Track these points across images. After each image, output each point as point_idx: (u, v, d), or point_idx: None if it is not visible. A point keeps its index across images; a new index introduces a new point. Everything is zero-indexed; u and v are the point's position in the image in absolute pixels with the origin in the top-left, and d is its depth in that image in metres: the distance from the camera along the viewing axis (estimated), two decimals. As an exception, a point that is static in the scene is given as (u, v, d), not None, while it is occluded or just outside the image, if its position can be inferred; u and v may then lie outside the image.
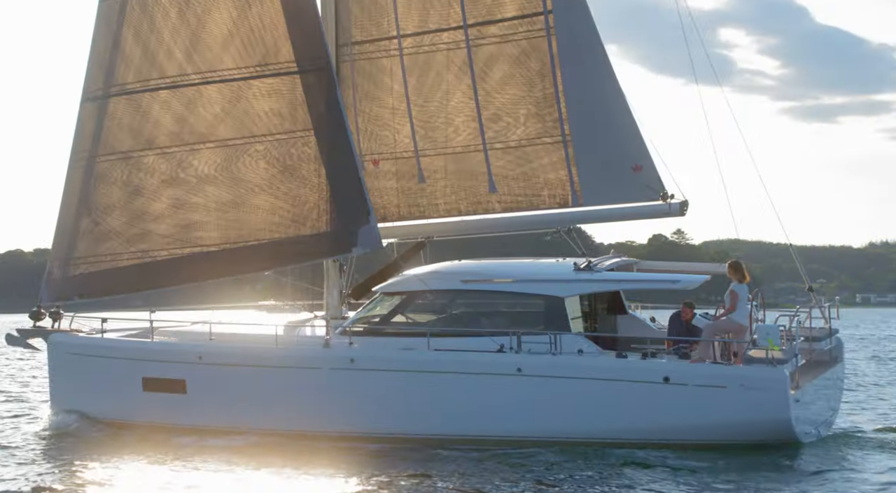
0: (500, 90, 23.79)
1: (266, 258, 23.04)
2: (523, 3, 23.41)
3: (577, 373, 20.37)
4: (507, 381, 20.59)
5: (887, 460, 19.50)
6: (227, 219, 23.18)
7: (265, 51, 22.96)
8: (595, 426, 20.30)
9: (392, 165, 24.83)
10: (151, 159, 23.69)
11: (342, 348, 21.84)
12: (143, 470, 19.38)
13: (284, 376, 21.86)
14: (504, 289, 22.38)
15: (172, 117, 23.53)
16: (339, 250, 22.78)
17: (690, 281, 21.59)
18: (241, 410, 22.21)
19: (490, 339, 21.09)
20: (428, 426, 21.12)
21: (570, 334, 21.06)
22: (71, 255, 24.38)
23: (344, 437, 21.34)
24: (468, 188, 24.28)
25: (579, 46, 23.09)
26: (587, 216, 24.08)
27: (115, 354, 23.55)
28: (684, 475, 18.03)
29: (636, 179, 22.90)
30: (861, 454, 20.11)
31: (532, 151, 23.74)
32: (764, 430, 19.69)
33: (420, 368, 21.09)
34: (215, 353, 22.51)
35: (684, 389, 19.86)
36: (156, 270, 23.67)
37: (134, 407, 23.27)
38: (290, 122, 22.84)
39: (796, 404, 19.74)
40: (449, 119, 24.18)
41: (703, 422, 19.86)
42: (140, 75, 23.72)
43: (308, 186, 22.71)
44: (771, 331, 20.05)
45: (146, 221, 23.70)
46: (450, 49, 24.03)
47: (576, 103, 23.15)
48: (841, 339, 23.73)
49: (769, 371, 19.53)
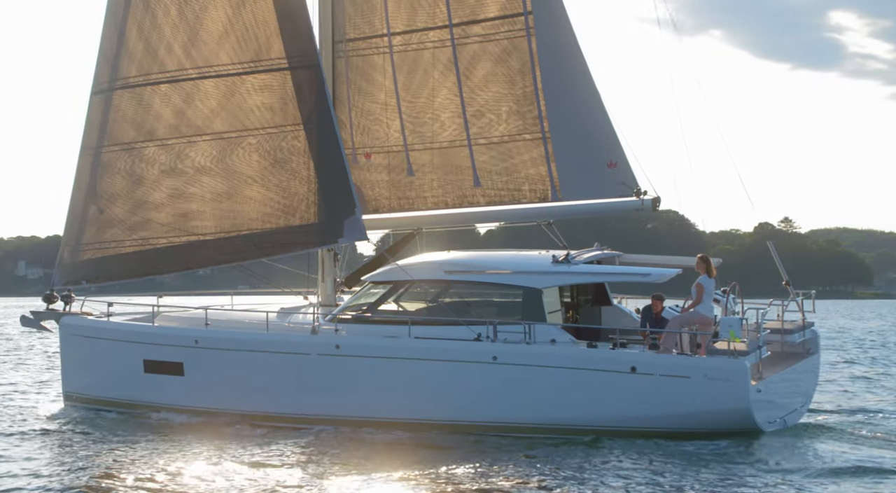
0: (483, 88, 24.53)
1: (258, 247, 23.79)
2: (504, 4, 24.14)
3: (549, 362, 21.06)
4: (484, 368, 21.34)
5: (846, 448, 20.09)
6: (221, 209, 24.03)
7: (258, 47, 23.74)
8: (565, 413, 20.99)
9: (383, 158, 25.63)
10: (152, 150, 24.56)
11: (328, 335, 22.68)
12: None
13: (274, 360, 22.74)
14: (484, 280, 23.19)
15: (172, 110, 24.37)
16: (327, 241, 23.59)
17: (661, 274, 22.20)
18: (234, 393, 23.12)
19: (468, 328, 21.87)
20: (409, 410, 21.85)
21: (545, 324, 21.78)
22: (80, 241, 25.33)
23: (330, 421, 22.20)
24: (454, 182, 25.06)
25: (557, 46, 23.82)
26: (565, 211, 24.75)
27: (118, 337, 24.51)
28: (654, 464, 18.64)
29: (611, 175, 23.62)
30: (818, 443, 20.66)
31: (514, 147, 24.50)
32: (726, 419, 20.34)
33: (401, 355, 21.86)
34: (210, 338, 23.42)
35: (651, 379, 20.53)
36: (155, 256, 24.57)
37: (136, 388, 24.25)
38: (280, 116, 23.67)
39: (757, 394, 20.40)
40: (436, 115, 24.96)
41: (669, 411, 20.52)
42: (142, 69, 24.57)
43: (298, 179, 23.53)
44: (733, 323, 20.71)
45: (147, 209, 24.57)
46: (436, 47, 24.79)
47: (554, 101, 23.86)
48: (817, 332, 24.32)
49: (730, 362, 20.21)
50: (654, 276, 22.18)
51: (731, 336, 20.40)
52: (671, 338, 21.09)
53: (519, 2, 23.93)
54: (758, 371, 20.89)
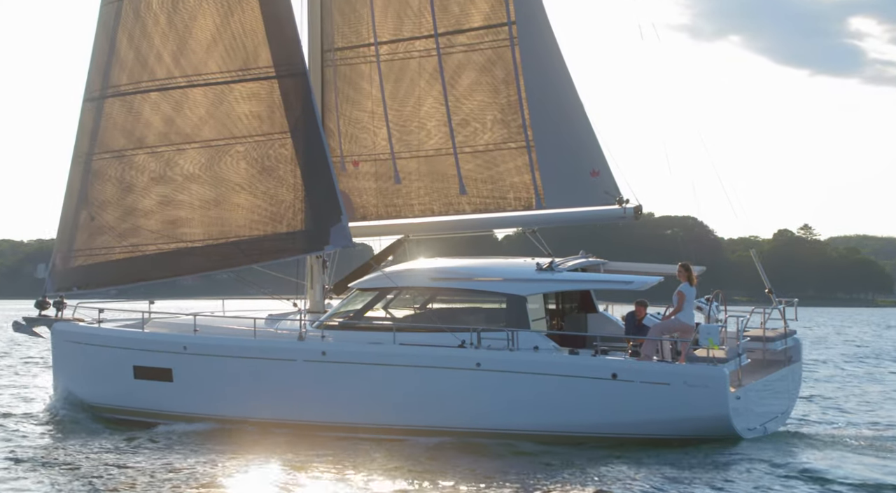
0: (468, 97, 24.74)
1: (246, 254, 23.96)
2: (488, 14, 24.35)
3: (531, 369, 21.25)
4: (467, 375, 21.54)
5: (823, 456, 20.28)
6: (210, 216, 24.22)
7: (246, 56, 23.95)
8: (547, 419, 21.19)
9: (371, 166, 25.85)
10: (142, 158, 24.77)
11: (315, 342, 22.88)
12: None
13: (262, 367, 22.93)
14: (469, 287, 23.41)
15: (161, 118, 24.58)
16: (313, 248, 23.79)
17: (643, 282, 22.38)
18: (222, 398, 23.30)
19: (452, 335, 22.06)
20: (394, 416, 22.03)
21: (528, 331, 21.98)
22: (71, 247, 25.56)
23: (317, 427, 22.40)
24: (440, 190, 25.26)
25: (540, 56, 24.02)
26: (549, 219, 24.91)
27: (109, 343, 24.64)
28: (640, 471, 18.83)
29: (594, 183, 23.84)
30: (797, 450, 20.83)
31: (498, 156, 24.69)
32: (705, 426, 20.52)
33: (386, 361, 22.05)
34: (198, 344, 23.60)
35: (631, 385, 20.72)
36: (144, 263, 24.75)
37: (127, 394, 24.43)
38: (268, 124, 23.88)
39: (736, 401, 20.59)
40: (422, 123, 25.17)
41: (649, 417, 20.71)
42: (132, 78, 24.79)
43: (285, 186, 23.73)
44: (711, 331, 20.94)
45: (137, 216, 24.76)
46: (422, 57, 24.99)
47: (538, 110, 24.06)
48: (799, 339, 24.50)
49: (709, 370, 20.40)
50: (637, 283, 22.35)
51: (710, 344, 20.62)
52: (651, 345, 21.28)
53: (502, 12, 24.16)
54: (737, 378, 21.09)
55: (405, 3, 24.96)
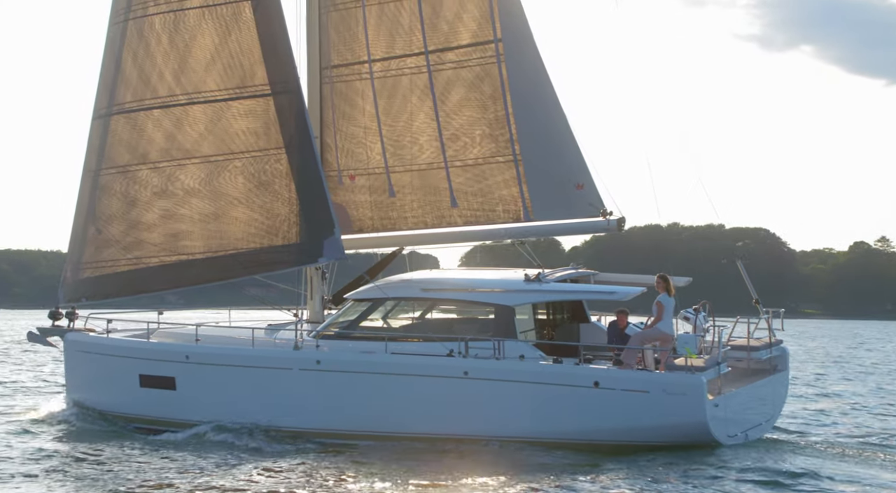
0: (457, 112, 25.35)
1: (244, 266, 24.66)
2: (476, 31, 24.97)
3: (517, 377, 21.78)
4: (455, 383, 22.10)
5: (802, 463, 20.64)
6: (209, 229, 24.96)
7: (243, 74, 24.71)
8: (532, 426, 21.70)
9: (366, 180, 26.50)
10: (145, 173, 25.55)
11: (310, 351, 23.51)
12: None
13: (259, 375, 23.60)
14: (459, 297, 24.06)
15: (163, 135, 25.37)
16: (308, 260, 24.47)
17: (626, 293, 22.88)
18: (223, 406, 23.96)
19: (441, 344, 22.64)
20: (386, 424, 22.61)
21: (514, 340, 22.54)
22: (80, 260, 26.39)
23: (312, 434, 23.03)
24: (433, 203, 25.86)
25: (526, 72, 24.64)
26: (537, 231, 25.49)
27: (117, 352, 25.38)
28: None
29: (579, 196, 24.41)
30: (775, 457, 21.17)
31: (487, 170, 25.25)
32: (684, 433, 20.99)
33: (377, 370, 22.66)
34: (199, 353, 24.33)
35: (612, 393, 21.23)
36: (148, 275, 25.51)
37: (133, 402, 25.19)
38: (264, 140, 24.60)
39: (714, 408, 21.05)
40: (414, 138, 25.81)
41: (630, 425, 21.19)
42: (136, 95, 25.60)
43: (280, 200, 24.42)
44: (689, 341, 21.47)
45: (140, 230, 25.55)
46: (413, 73, 25.63)
47: (524, 125, 24.63)
48: (786, 349, 24.93)
49: (687, 378, 20.90)
50: (620, 294, 22.87)
51: (688, 353, 21.12)
52: (632, 354, 21.79)
53: (489, 29, 24.76)
54: (717, 387, 21.56)
55: (396, 22, 25.65)
